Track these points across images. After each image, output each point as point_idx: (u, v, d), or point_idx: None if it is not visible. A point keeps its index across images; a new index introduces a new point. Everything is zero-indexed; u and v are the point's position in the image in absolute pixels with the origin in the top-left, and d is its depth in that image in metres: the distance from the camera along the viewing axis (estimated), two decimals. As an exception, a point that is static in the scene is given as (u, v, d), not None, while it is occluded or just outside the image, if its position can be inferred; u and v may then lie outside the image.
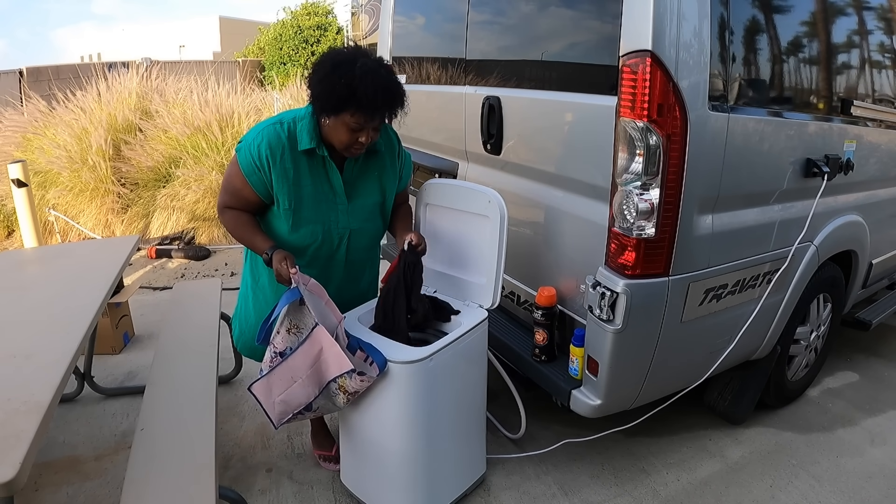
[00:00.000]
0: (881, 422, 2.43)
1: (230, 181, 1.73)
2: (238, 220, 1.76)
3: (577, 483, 2.06)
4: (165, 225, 4.97)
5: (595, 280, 1.72)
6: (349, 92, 1.54)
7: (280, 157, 1.66)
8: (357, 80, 1.53)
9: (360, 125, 1.60)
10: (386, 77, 1.59)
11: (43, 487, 2.05)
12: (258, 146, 1.65)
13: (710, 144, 1.64)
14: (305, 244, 1.78)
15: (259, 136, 1.66)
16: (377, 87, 1.56)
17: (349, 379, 1.61)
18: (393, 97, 1.61)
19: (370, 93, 1.55)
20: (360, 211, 1.81)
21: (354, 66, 1.54)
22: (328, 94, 1.57)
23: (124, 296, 3.12)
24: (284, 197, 1.70)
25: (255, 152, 1.65)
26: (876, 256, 2.59)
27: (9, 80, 8.57)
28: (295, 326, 1.66)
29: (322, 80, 1.58)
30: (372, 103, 1.57)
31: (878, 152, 2.35)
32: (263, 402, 1.69)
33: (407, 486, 1.79)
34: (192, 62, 11.64)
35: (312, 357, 1.62)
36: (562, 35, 1.92)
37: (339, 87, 1.55)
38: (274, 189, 1.69)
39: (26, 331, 1.65)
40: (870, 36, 2.25)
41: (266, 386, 1.67)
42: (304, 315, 1.64)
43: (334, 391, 1.65)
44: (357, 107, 1.56)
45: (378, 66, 1.59)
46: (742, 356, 2.11)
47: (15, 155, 4.98)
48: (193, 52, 20.42)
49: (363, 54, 1.60)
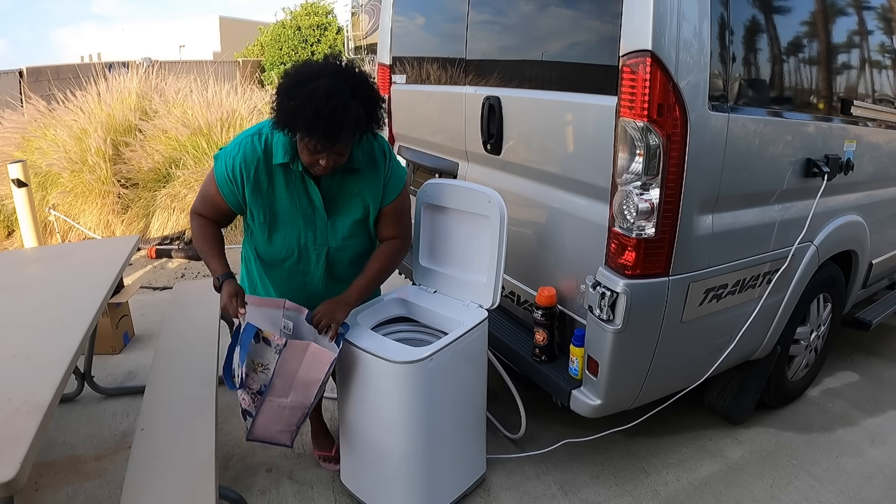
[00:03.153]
0: (881, 422, 2.43)
1: (205, 187, 1.72)
2: (202, 232, 1.74)
3: (577, 483, 2.06)
4: (165, 225, 4.97)
5: (595, 280, 1.72)
6: (294, 116, 1.46)
7: (255, 171, 1.63)
8: (304, 105, 1.43)
9: (317, 149, 1.51)
10: (340, 103, 1.44)
11: (43, 487, 2.05)
12: (233, 158, 1.62)
13: (710, 144, 1.64)
14: (281, 258, 1.77)
15: (236, 147, 1.63)
16: (323, 114, 1.42)
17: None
18: (340, 127, 1.45)
19: (314, 120, 1.43)
20: (341, 228, 1.74)
21: (309, 87, 1.43)
22: (280, 114, 1.50)
23: (124, 296, 3.12)
24: (259, 210, 1.68)
25: (229, 164, 1.63)
26: (876, 256, 2.59)
27: (9, 80, 8.58)
28: (259, 364, 1.65)
29: (278, 96, 1.51)
30: (317, 131, 1.45)
31: (878, 152, 2.35)
32: (269, 440, 1.74)
33: (407, 486, 1.79)
34: (192, 62, 11.64)
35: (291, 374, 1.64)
36: (562, 35, 1.92)
37: (288, 109, 1.47)
38: (248, 202, 1.67)
39: (26, 331, 1.65)
40: (870, 36, 2.25)
41: (263, 426, 1.70)
42: (264, 350, 1.64)
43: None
44: (304, 132, 1.48)
45: (336, 89, 1.44)
46: (742, 356, 2.11)
47: (15, 155, 4.98)
48: (193, 52, 20.42)
49: (329, 73, 1.48)
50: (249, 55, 15.22)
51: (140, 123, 5.22)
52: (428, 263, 2.05)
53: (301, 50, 13.97)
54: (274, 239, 1.73)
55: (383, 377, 1.67)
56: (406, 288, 2.07)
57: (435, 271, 2.03)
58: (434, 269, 2.03)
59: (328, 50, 14.00)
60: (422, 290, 2.05)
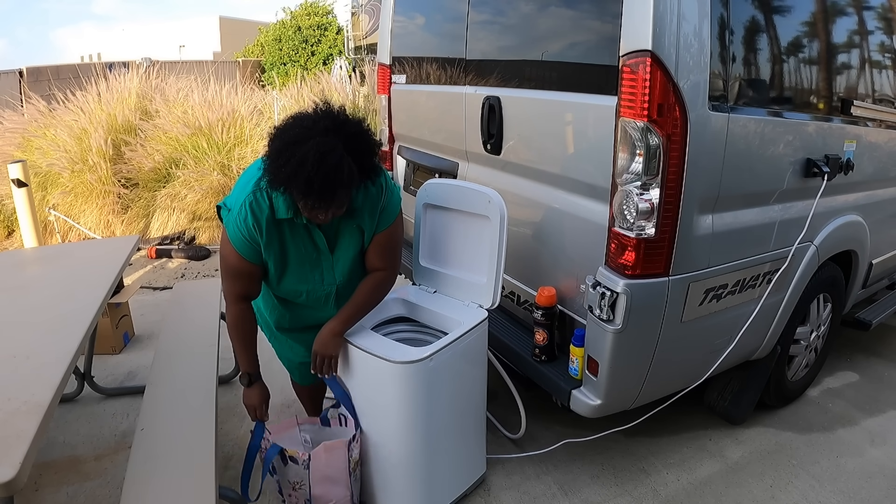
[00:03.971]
0: (881, 422, 2.43)
1: (229, 262, 1.65)
2: (240, 325, 1.71)
3: (577, 483, 2.06)
4: (165, 225, 4.97)
5: (595, 280, 1.72)
6: (288, 181, 1.44)
7: (266, 227, 1.60)
8: (296, 172, 1.40)
9: (314, 208, 1.49)
10: (332, 166, 1.41)
11: (43, 487, 2.05)
12: (244, 220, 1.58)
13: (710, 144, 1.64)
14: (291, 299, 1.80)
15: (242, 209, 1.57)
16: (316, 179, 1.40)
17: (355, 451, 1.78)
18: (334, 190, 1.44)
19: (307, 186, 1.41)
20: (344, 263, 1.75)
21: (300, 151, 1.40)
22: (273, 177, 1.47)
23: (124, 296, 3.12)
24: (270, 262, 1.68)
25: (242, 228, 1.58)
26: (876, 256, 2.59)
27: (9, 80, 8.57)
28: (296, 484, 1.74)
29: (272, 155, 1.46)
30: (311, 196, 1.44)
31: (879, 152, 2.35)
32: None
33: (407, 486, 1.79)
34: (192, 62, 11.64)
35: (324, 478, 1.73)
36: (562, 35, 1.92)
37: (280, 174, 1.44)
38: (263, 255, 1.66)
39: (26, 331, 1.65)
40: (870, 36, 2.25)
41: None
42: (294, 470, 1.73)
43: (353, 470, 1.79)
44: (299, 197, 1.47)
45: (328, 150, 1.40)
46: (742, 356, 2.11)
47: (15, 155, 4.98)
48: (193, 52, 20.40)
49: (319, 131, 1.44)
50: (249, 55, 15.22)
51: (140, 123, 5.22)
52: (428, 263, 2.05)
53: (301, 50, 13.96)
54: (283, 283, 1.74)
55: (383, 377, 1.67)
56: (406, 288, 2.07)
57: (435, 271, 2.03)
58: (434, 269, 2.03)
59: (328, 50, 13.98)
60: (422, 290, 2.05)
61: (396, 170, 3.09)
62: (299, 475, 1.72)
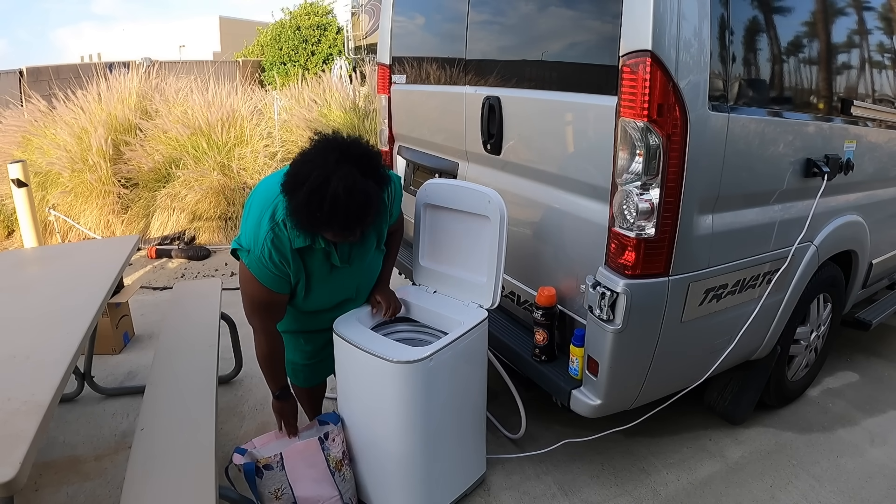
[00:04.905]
0: (881, 422, 2.43)
1: (258, 300, 1.67)
2: (268, 351, 1.77)
3: (577, 483, 2.06)
4: (165, 225, 4.97)
5: (595, 280, 1.72)
6: (326, 224, 1.48)
7: (290, 257, 1.63)
8: (334, 214, 1.45)
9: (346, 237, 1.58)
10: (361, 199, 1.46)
11: (43, 487, 2.05)
12: (270, 259, 1.60)
13: (710, 144, 1.63)
14: (317, 310, 1.84)
15: (265, 248, 1.59)
16: (351, 216, 1.47)
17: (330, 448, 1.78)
18: (365, 216, 1.51)
19: (346, 223, 1.48)
20: (362, 266, 1.83)
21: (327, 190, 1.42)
22: (306, 221, 1.50)
23: (124, 296, 3.12)
24: (298, 286, 1.73)
25: (270, 266, 1.61)
26: (876, 256, 2.59)
27: (9, 80, 8.57)
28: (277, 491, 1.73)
29: (298, 205, 1.47)
30: (347, 229, 1.51)
31: (878, 152, 2.35)
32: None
33: (407, 486, 1.79)
34: (192, 62, 11.63)
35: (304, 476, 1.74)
36: (562, 35, 1.92)
37: (317, 219, 1.47)
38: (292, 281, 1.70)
39: (26, 331, 1.65)
40: (870, 36, 2.25)
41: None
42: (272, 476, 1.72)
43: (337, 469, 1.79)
44: (336, 229, 1.51)
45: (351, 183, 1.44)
46: (742, 356, 2.11)
47: (15, 155, 4.98)
48: (193, 52, 20.39)
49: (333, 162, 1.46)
50: (249, 55, 15.21)
51: (140, 123, 5.22)
52: (428, 263, 2.05)
53: (301, 50, 13.95)
54: (310, 299, 1.78)
55: (383, 377, 1.67)
56: (406, 288, 2.07)
57: (435, 271, 2.03)
58: (434, 269, 2.03)
59: (328, 50, 13.98)
60: (422, 290, 2.05)
61: (396, 170, 3.09)
62: (278, 480, 1.72)
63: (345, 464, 1.81)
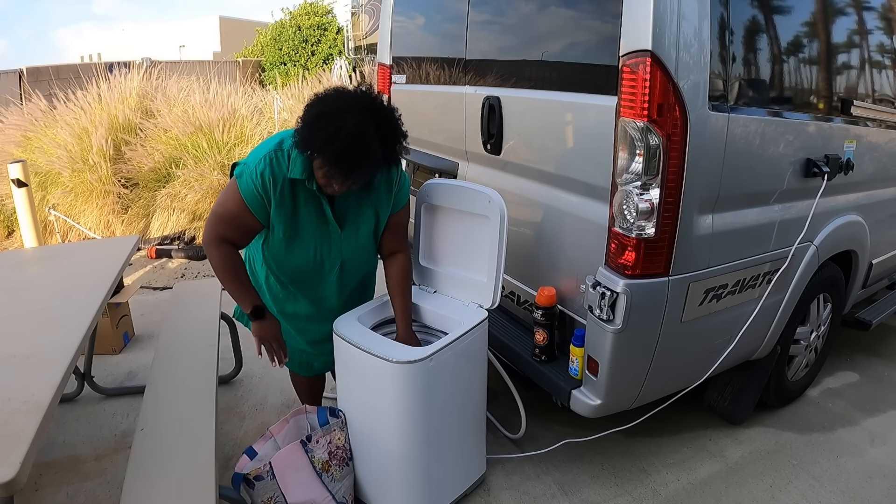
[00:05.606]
0: (881, 422, 2.43)
1: (227, 208, 1.66)
2: (227, 264, 1.69)
3: (577, 483, 2.06)
4: (166, 225, 4.97)
5: (595, 280, 1.72)
6: (318, 147, 1.50)
7: (280, 185, 1.63)
8: (329, 140, 1.46)
9: (331, 177, 1.55)
10: (362, 146, 1.48)
11: (43, 487, 2.05)
12: (260, 173, 1.60)
13: (710, 144, 1.63)
14: (298, 269, 1.79)
15: (261, 162, 1.61)
16: (345, 153, 1.47)
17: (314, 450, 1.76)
18: (358, 167, 1.51)
19: (336, 157, 1.49)
20: (354, 239, 1.78)
21: (336, 122, 1.46)
22: (303, 139, 1.52)
23: (124, 296, 3.12)
24: (280, 226, 1.69)
25: (257, 180, 1.61)
26: (876, 256, 2.59)
27: (9, 80, 8.58)
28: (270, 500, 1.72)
29: (309, 119, 1.52)
30: (335, 166, 1.51)
31: (878, 152, 2.35)
32: None
33: (407, 486, 1.79)
34: (192, 62, 11.64)
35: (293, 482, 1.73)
36: (562, 35, 1.92)
37: (312, 139, 1.50)
38: (271, 216, 1.67)
39: (26, 331, 1.65)
40: (870, 36, 2.25)
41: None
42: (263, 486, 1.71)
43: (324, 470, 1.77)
44: (323, 163, 1.52)
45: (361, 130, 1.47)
46: (742, 356, 2.11)
47: (15, 155, 4.98)
48: (193, 52, 20.41)
49: (357, 109, 1.50)
50: (249, 55, 15.21)
51: (141, 123, 5.22)
52: (428, 263, 2.05)
53: (301, 50, 13.95)
54: (291, 251, 1.74)
55: (383, 377, 1.67)
56: (406, 288, 2.06)
57: (435, 271, 2.03)
58: (434, 269, 2.03)
59: (328, 50, 13.98)
60: (422, 290, 2.05)
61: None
62: (270, 489, 1.71)
63: (332, 464, 1.79)
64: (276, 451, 1.78)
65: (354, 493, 1.90)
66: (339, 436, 1.82)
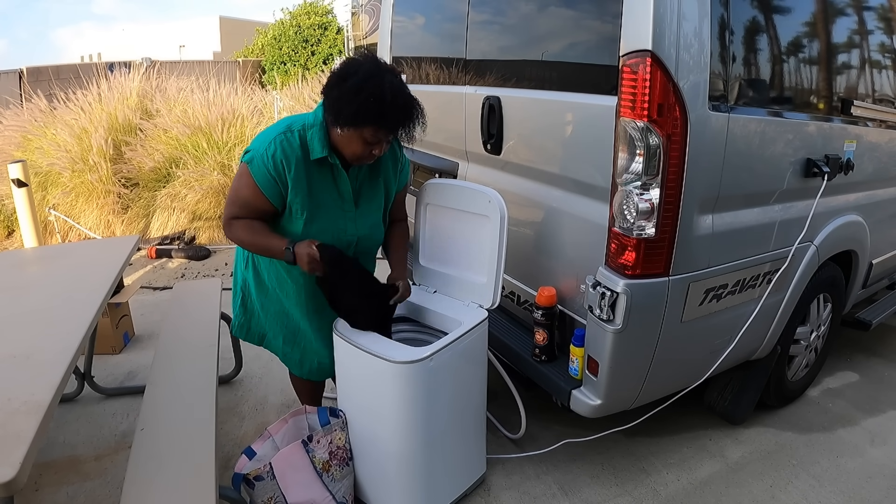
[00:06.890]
0: (881, 422, 2.43)
1: (240, 194, 1.67)
2: (250, 227, 1.69)
3: (577, 483, 2.06)
4: (166, 225, 4.97)
5: (595, 280, 1.72)
6: (378, 109, 1.54)
7: (294, 166, 1.63)
8: (387, 98, 1.54)
9: (379, 140, 1.61)
10: (409, 95, 1.61)
11: (43, 487, 2.05)
12: (272, 156, 1.60)
13: (710, 144, 1.63)
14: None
15: (271, 145, 1.61)
16: (405, 105, 1.58)
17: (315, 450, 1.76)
18: (414, 116, 1.62)
19: (398, 112, 1.57)
20: (367, 217, 1.80)
21: (383, 82, 1.54)
22: (355, 109, 1.55)
23: (124, 296, 3.12)
24: (298, 206, 1.68)
25: (269, 163, 1.61)
26: (876, 256, 2.59)
27: (9, 80, 8.58)
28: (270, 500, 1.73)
29: (347, 93, 1.55)
30: (397, 122, 1.59)
31: (878, 152, 2.35)
32: None
33: (407, 486, 1.79)
34: (192, 62, 11.64)
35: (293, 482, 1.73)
36: (562, 35, 1.92)
37: (367, 104, 1.53)
38: (288, 198, 1.67)
39: (26, 331, 1.65)
40: (870, 36, 2.25)
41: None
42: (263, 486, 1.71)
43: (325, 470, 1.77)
44: (382, 124, 1.57)
45: (402, 84, 1.61)
46: (742, 356, 2.11)
47: (15, 155, 4.98)
48: (193, 52, 20.43)
49: (388, 70, 1.60)
50: (249, 55, 15.21)
51: (141, 123, 5.22)
52: (428, 263, 2.05)
53: (301, 50, 13.95)
54: (309, 231, 1.71)
55: (383, 377, 1.67)
56: (406, 288, 2.06)
57: (435, 271, 2.03)
58: (434, 269, 2.03)
59: (328, 50, 13.98)
60: (422, 290, 2.05)
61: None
62: (270, 489, 1.71)
63: (333, 464, 1.79)
64: (275, 451, 1.78)
65: (354, 493, 1.90)
66: (340, 436, 1.82)
